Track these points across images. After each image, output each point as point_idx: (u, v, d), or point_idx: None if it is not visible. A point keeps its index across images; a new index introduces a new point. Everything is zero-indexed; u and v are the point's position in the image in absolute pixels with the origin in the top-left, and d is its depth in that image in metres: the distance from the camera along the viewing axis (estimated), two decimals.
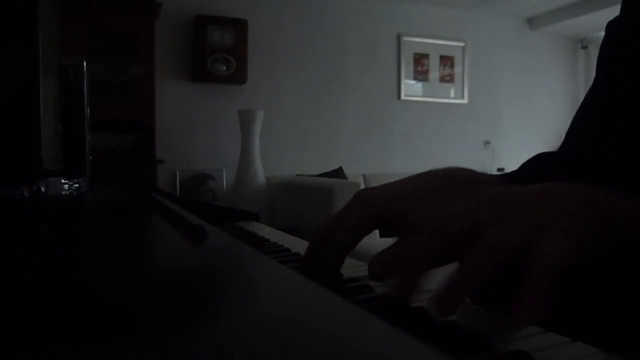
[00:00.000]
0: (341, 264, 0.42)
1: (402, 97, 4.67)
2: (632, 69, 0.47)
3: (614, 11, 0.53)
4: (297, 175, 3.94)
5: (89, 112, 0.99)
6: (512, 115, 5.07)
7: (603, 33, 0.56)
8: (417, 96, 4.76)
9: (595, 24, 4.62)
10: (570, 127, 0.56)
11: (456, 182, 0.43)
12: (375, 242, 0.43)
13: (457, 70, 4.88)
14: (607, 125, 0.48)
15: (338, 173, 3.99)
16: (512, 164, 4.07)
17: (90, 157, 1.02)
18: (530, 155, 0.65)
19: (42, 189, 0.69)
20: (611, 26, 0.54)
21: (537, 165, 0.56)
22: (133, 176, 3.32)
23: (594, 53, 5.26)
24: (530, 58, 5.14)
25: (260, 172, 3.71)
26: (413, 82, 4.75)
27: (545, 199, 0.30)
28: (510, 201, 0.30)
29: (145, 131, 3.56)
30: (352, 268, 0.46)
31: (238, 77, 3.99)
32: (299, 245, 0.62)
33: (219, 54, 3.93)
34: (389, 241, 0.43)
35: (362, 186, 3.34)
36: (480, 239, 0.27)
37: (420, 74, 4.77)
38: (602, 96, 0.52)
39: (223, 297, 0.24)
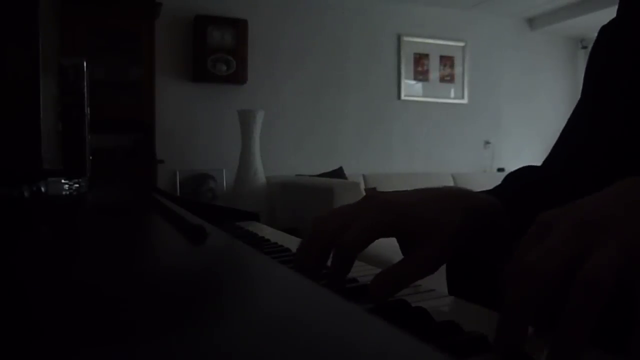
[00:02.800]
0: (351, 266, 0.40)
1: (402, 97, 4.68)
2: (623, 79, 0.47)
3: (615, 11, 0.53)
4: (297, 175, 3.95)
5: (89, 112, 0.99)
6: (512, 115, 5.07)
7: None
8: (417, 96, 4.76)
9: (595, 24, 4.59)
10: (557, 140, 0.57)
11: (466, 203, 0.44)
12: (383, 243, 0.43)
13: (457, 70, 4.88)
14: (593, 141, 0.48)
15: (338, 173, 3.99)
16: (512, 164, 4.10)
17: (90, 157, 1.02)
18: (530, 155, 0.65)
19: (42, 189, 0.69)
20: (604, 31, 0.54)
21: (521, 179, 0.56)
22: (133, 176, 3.32)
23: None
24: (530, 58, 5.14)
25: (260, 172, 3.70)
26: (413, 82, 4.75)
27: (635, 210, 0.28)
28: (599, 222, 0.28)
29: (145, 131, 3.56)
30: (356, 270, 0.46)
31: (238, 77, 3.99)
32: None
33: (219, 54, 3.93)
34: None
35: (362, 186, 3.35)
36: (578, 277, 0.25)
37: (420, 74, 4.78)
38: (590, 109, 0.52)
39: (223, 297, 0.24)
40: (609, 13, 0.53)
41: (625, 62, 0.48)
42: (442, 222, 0.41)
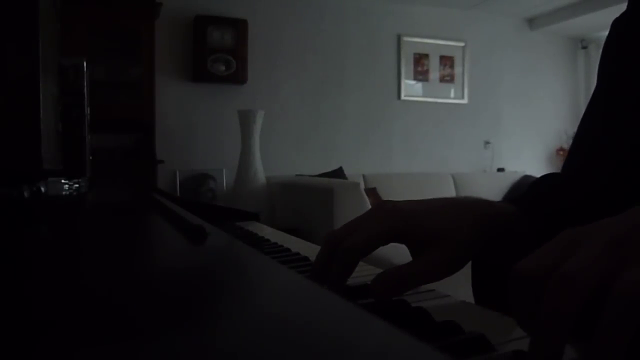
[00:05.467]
0: (353, 269, 0.40)
1: (402, 97, 4.67)
2: (637, 72, 0.46)
3: (614, 11, 0.53)
4: (297, 175, 3.95)
5: (89, 112, 0.99)
6: (512, 115, 5.07)
7: (603, 33, 0.55)
8: (417, 96, 4.76)
9: (595, 24, 4.62)
10: (574, 140, 0.56)
11: (478, 212, 0.44)
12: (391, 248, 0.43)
13: (457, 70, 4.88)
14: (610, 139, 0.48)
15: (338, 173, 3.99)
16: (512, 164, 4.10)
17: (90, 157, 1.02)
18: (530, 155, 0.65)
19: (42, 189, 0.69)
20: (617, 24, 0.53)
21: (545, 188, 0.56)
22: (133, 176, 3.32)
23: (594, 53, 5.27)
24: (530, 58, 5.14)
25: (260, 172, 3.70)
26: (413, 82, 4.75)
27: None
28: (629, 240, 0.27)
29: (145, 131, 3.56)
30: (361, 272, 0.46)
31: (238, 77, 3.99)
32: (298, 245, 0.62)
33: (219, 54, 3.92)
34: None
35: (362, 186, 3.35)
36: (614, 289, 0.24)
37: (420, 74, 4.77)
38: (605, 106, 0.51)
39: (223, 297, 0.24)
40: (609, 13, 0.53)
41: (638, 55, 0.47)
42: (451, 229, 0.41)
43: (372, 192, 3.89)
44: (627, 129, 0.46)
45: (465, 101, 4.91)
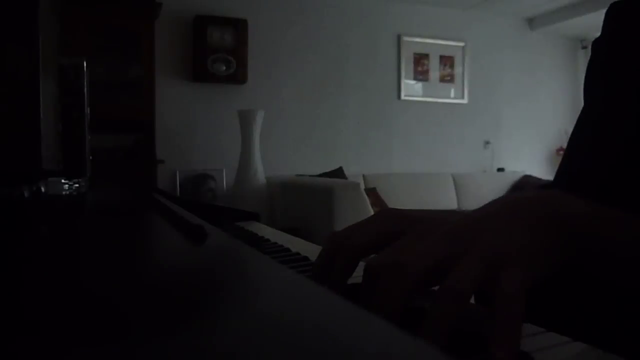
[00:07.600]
0: (354, 267, 0.41)
1: (402, 97, 4.68)
2: (624, 92, 0.48)
3: None
4: (297, 175, 3.95)
5: (89, 112, 0.99)
6: (512, 115, 5.07)
7: None
8: (417, 96, 4.76)
9: (595, 24, 4.61)
10: (563, 157, 0.58)
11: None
12: None
13: (457, 70, 4.88)
14: (604, 153, 0.50)
15: (338, 173, 3.99)
16: (512, 164, 4.10)
17: (90, 157, 1.02)
18: (530, 155, 0.66)
19: (42, 189, 0.69)
20: (596, 45, 0.56)
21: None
22: (133, 176, 3.32)
23: None
24: (530, 58, 5.15)
25: (260, 172, 3.71)
26: (413, 82, 4.75)
27: (499, 224, 0.32)
28: (466, 233, 0.32)
29: (145, 131, 3.56)
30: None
31: (238, 77, 4.00)
32: (299, 245, 0.62)
33: (219, 54, 3.93)
34: None
35: (362, 186, 3.35)
36: (442, 283, 0.29)
37: (420, 74, 4.78)
38: (593, 124, 0.54)
39: (223, 298, 0.24)
40: None
41: (623, 72, 0.49)
42: None
43: (372, 192, 3.89)
44: (617, 146, 0.48)
45: (465, 101, 4.91)
